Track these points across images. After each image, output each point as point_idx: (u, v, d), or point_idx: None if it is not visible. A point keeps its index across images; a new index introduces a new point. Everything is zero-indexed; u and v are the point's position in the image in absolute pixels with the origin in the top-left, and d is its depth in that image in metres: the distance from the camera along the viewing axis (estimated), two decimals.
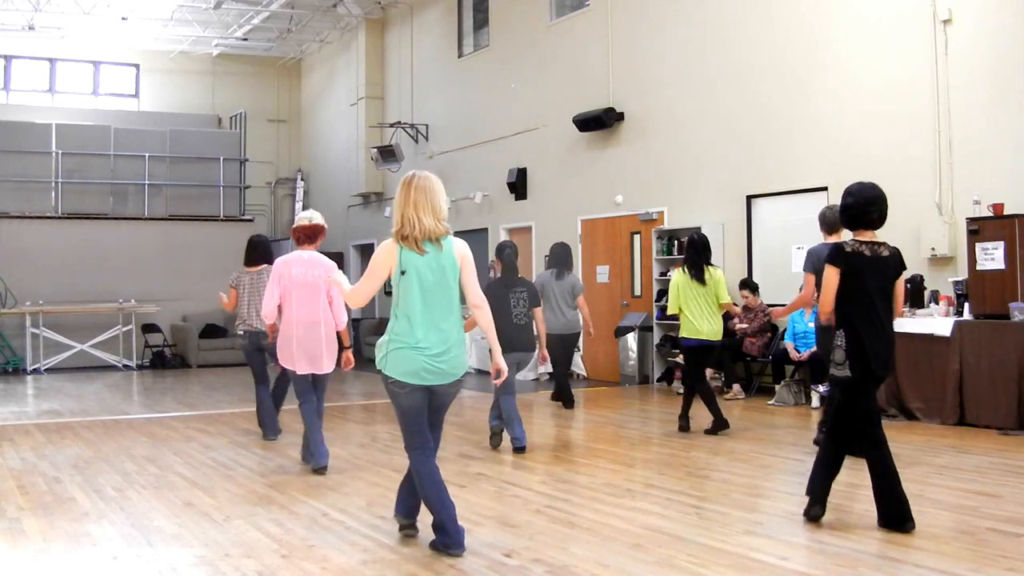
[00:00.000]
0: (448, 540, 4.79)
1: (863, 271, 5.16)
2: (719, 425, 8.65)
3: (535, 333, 8.34)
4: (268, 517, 5.71)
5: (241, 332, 8.68)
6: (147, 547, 5.12)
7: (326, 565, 4.71)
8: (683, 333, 8.80)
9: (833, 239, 7.55)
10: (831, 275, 5.22)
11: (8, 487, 6.72)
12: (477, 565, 4.66)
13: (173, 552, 5.00)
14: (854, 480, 6.53)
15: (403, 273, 4.70)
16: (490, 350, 5.05)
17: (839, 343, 5.21)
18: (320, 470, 7.02)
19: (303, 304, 7.01)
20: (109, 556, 4.97)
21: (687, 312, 8.68)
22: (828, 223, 7.58)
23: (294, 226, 7.36)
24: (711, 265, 8.80)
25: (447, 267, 4.74)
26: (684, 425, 8.82)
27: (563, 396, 10.88)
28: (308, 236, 7.24)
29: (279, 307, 7.13)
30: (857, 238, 5.27)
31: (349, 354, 7.31)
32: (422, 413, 4.82)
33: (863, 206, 5.23)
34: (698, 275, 8.66)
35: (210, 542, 5.17)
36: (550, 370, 10.86)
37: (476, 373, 14.35)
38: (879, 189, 5.30)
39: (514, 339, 7.87)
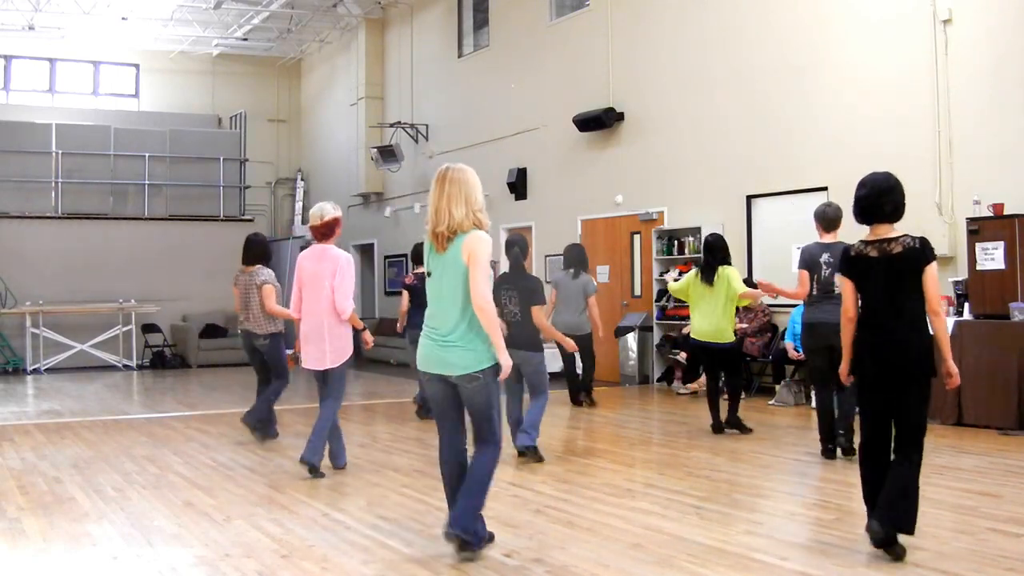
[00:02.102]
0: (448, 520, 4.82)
1: (868, 274, 4.94)
2: (717, 426, 8.74)
3: (537, 331, 7.79)
4: (268, 517, 5.71)
5: (239, 332, 8.70)
6: (147, 547, 5.12)
7: (326, 565, 4.71)
8: (691, 331, 9.03)
9: (828, 238, 7.59)
10: (843, 283, 5.03)
11: (8, 487, 6.72)
12: (477, 565, 4.66)
13: (173, 552, 5.00)
14: (853, 480, 6.53)
15: (429, 274, 4.80)
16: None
17: None
18: (311, 469, 6.90)
19: (308, 299, 7.09)
20: (109, 556, 4.97)
21: (693, 310, 8.85)
22: (826, 220, 7.62)
23: (309, 224, 7.32)
24: (724, 265, 8.70)
25: (458, 263, 4.68)
26: (717, 426, 8.72)
27: (574, 393, 11.03)
28: (323, 234, 7.15)
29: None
30: (869, 237, 4.98)
31: (366, 335, 7.34)
32: (443, 407, 4.84)
33: (876, 197, 4.93)
34: (707, 277, 8.67)
35: (210, 542, 5.17)
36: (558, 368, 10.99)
37: None
38: (894, 179, 4.99)
39: (510, 336, 7.50)
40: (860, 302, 5.00)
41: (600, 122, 13.79)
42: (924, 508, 5.09)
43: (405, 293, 10.09)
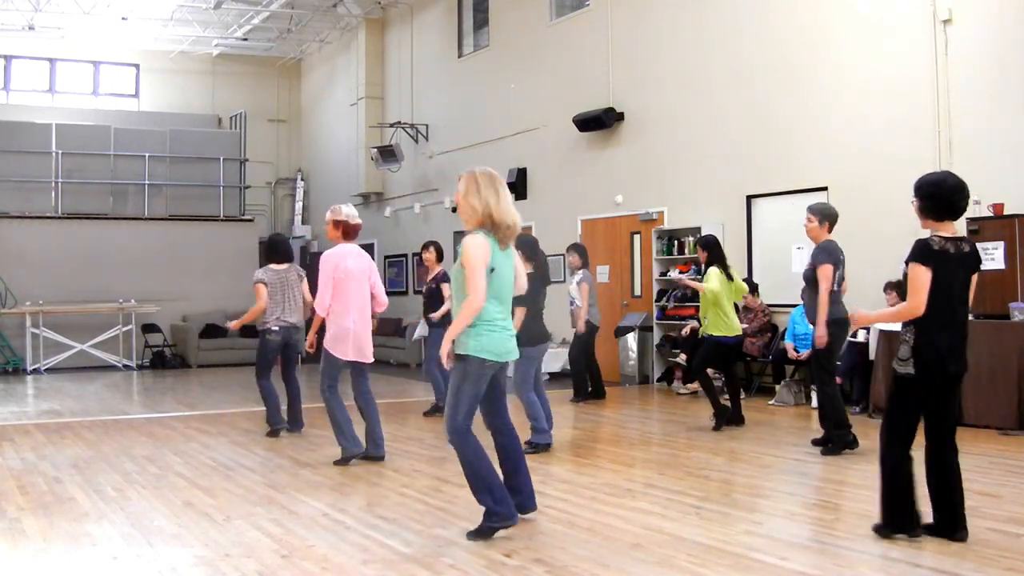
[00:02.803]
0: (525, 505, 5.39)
1: (948, 268, 4.85)
2: (723, 418, 8.83)
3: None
4: (268, 517, 5.71)
5: (276, 328, 8.75)
6: (147, 547, 5.12)
7: (326, 565, 4.71)
8: (721, 332, 8.91)
9: (827, 237, 7.66)
10: (922, 274, 4.81)
11: (8, 487, 6.72)
12: (477, 565, 4.66)
13: (173, 552, 5.00)
14: (852, 480, 6.54)
15: (492, 271, 5.02)
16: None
17: (906, 339, 4.93)
18: (356, 458, 7.46)
19: (358, 294, 7.41)
20: (109, 556, 4.97)
21: (725, 309, 8.88)
22: (834, 219, 7.79)
23: (348, 222, 7.51)
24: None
25: (515, 261, 5.25)
26: (718, 424, 8.85)
27: (594, 389, 11.35)
28: (357, 232, 7.63)
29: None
30: (940, 233, 4.90)
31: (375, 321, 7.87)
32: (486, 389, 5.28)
33: (951, 193, 4.87)
34: (728, 274, 8.98)
35: (210, 542, 5.17)
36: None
37: None
38: (957, 176, 4.95)
39: (541, 333, 8.15)
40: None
41: (600, 122, 13.79)
42: (925, 509, 5.11)
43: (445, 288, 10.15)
